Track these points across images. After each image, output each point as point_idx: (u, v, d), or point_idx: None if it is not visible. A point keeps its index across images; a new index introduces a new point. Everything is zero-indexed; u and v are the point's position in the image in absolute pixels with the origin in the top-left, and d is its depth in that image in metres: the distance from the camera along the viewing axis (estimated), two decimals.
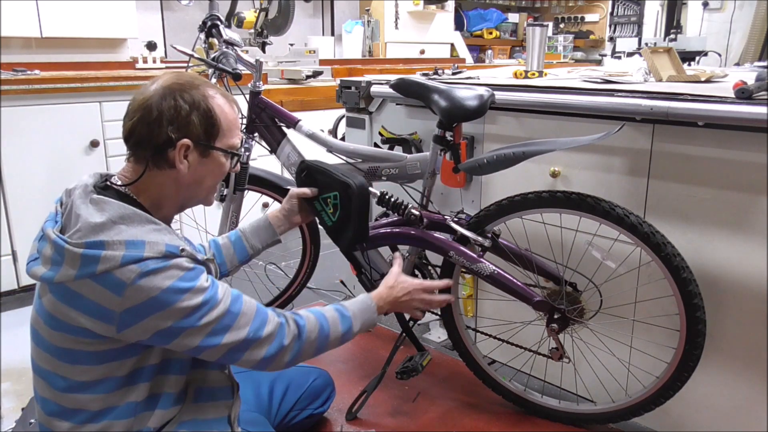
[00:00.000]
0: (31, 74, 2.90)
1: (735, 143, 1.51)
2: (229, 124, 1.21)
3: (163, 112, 1.13)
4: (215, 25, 2.03)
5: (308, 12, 4.94)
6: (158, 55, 3.68)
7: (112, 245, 1.05)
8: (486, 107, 1.71)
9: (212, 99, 1.18)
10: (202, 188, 1.24)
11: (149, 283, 1.05)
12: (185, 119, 1.15)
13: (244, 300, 1.19)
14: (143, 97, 1.15)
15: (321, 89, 3.86)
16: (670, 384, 1.60)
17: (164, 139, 1.14)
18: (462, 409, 1.90)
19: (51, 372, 1.14)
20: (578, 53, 6.48)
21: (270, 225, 1.61)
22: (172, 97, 1.14)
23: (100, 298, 1.05)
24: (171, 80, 1.17)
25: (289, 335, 1.23)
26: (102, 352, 1.11)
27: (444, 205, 2.19)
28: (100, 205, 1.10)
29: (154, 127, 1.13)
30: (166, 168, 1.17)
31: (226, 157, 1.23)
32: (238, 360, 1.18)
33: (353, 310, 1.38)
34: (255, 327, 1.17)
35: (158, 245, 1.07)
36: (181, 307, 1.08)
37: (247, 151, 2.03)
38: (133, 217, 1.09)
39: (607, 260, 1.69)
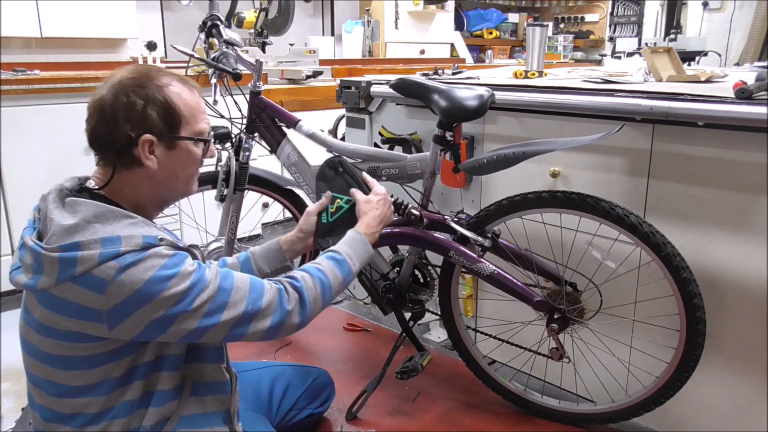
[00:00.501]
0: (31, 74, 2.90)
1: (735, 143, 1.51)
2: (191, 110, 1.17)
3: (117, 111, 1.09)
4: (215, 25, 2.03)
5: (308, 12, 4.94)
6: (158, 55, 3.67)
7: (87, 245, 1.03)
8: (486, 107, 1.71)
9: (168, 88, 1.14)
10: (179, 180, 1.20)
11: (130, 277, 1.03)
12: (142, 114, 1.10)
13: (236, 276, 1.17)
14: (97, 98, 1.12)
15: (321, 89, 3.86)
16: (670, 384, 1.60)
17: (125, 138, 1.10)
18: (462, 409, 1.90)
19: (45, 379, 1.13)
20: (578, 53, 6.48)
21: (281, 249, 1.54)
22: (124, 93, 1.10)
23: (84, 300, 1.04)
24: (123, 76, 1.13)
25: (291, 300, 1.21)
26: (96, 356, 1.10)
27: (444, 205, 2.19)
28: (74, 206, 1.08)
29: (112, 128, 1.10)
30: (135, 167, 1.13)
31: (195, 145, 1.18)
32: (244, 335, 1.16)
33: (346, 251, 1.36)
34: (252, 299, 1.16)
35: (135, 238, 1.05)
36: (168, 294, 1.06)
37: (247, 151, 2.03)
38: (107, 214, 1.07)
39: (607, 260, 1.69)
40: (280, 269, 1.53)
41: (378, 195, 1.55)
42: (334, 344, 2.34)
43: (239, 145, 2.03)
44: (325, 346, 2.32)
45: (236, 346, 2.29)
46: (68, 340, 1.08)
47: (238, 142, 2.03)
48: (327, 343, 2.35)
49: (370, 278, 1.97)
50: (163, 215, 2.97)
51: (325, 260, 1.33)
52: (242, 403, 1.52)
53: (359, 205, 1.53)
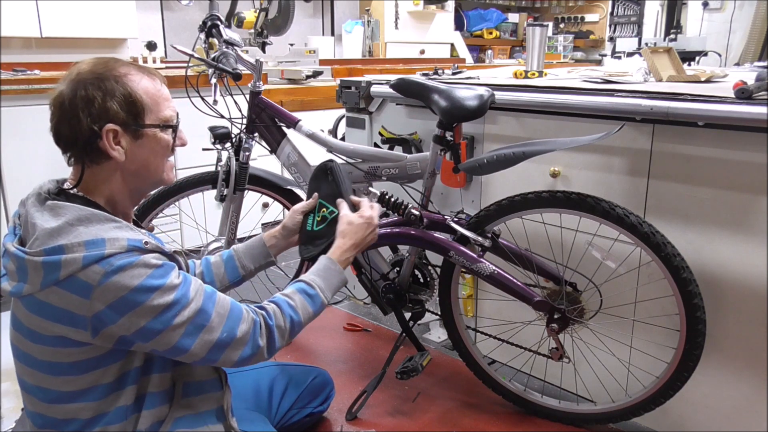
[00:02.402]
0: (31, 74, 2.90)
1: (735, 143, 1.51)
2: (153, 98, 1.15)
3: (77, 105, 1.08)
4: (215, 25, 2.03)
5: (308, 12, 4.94)
6: (158, 55, 3.68)
7: (71, 248, 1.02)
8: (486, 107, 1.71)
9: (126, 77, 1.12)
10: (150, 170, 1.18)
11: (116, 284, 1.02)
12: (102, 106, 1.09)
13: (218, 299, 1.16)
14: (57, 94, 1.11)
15: (321, 89, 3.86)
16: (670, 384, 1.60)
17: (87, 132, 1.09)
18: (462, 409, 1.90)
19: (36, 386, 1.12)
20: (578, 53, 6.48)
21: (264, 245, 1.53)
22: (82, 87, 1.09)
23: (69, 305, 1.03)
24: (80, 70, 1.12)
25: (263, 335, 1.20)
26: (83, 362, 1.09)
27: (444, 205, 2.19)
28: (55, 210, 1.07)
29: (74, 123, 1.09)
30: (103, 161, 1.12)
31: (163, 132, 1.17)
32: (217, 360, 1.15)
33: (318, 285, 1.34)
34: (229, 327, 1.14)
35: (119, 241, 1.04)
36: (152, 305, 1.05)
37: (247, 151, 2.03)
38: (91, 217, 1.06)
39: (607, 260, 1.69)
40: (264, 265, 1.53)
41: (362, 218, 1.46)
42: (334, 344, 2.34)
43: (239, 145, 2.03)
44: (325, 346, 2.32)
45: None
46: (55, 346, 1.07)
47: (238, 142, 2.03)
48: (327, 343, 2.35)
49: (370, 278, 1.97)
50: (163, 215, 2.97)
51: (297, 294, 1.30)
52: (242, 402, 1.52)
53: (341, 223, 1.46)
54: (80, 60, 1.17)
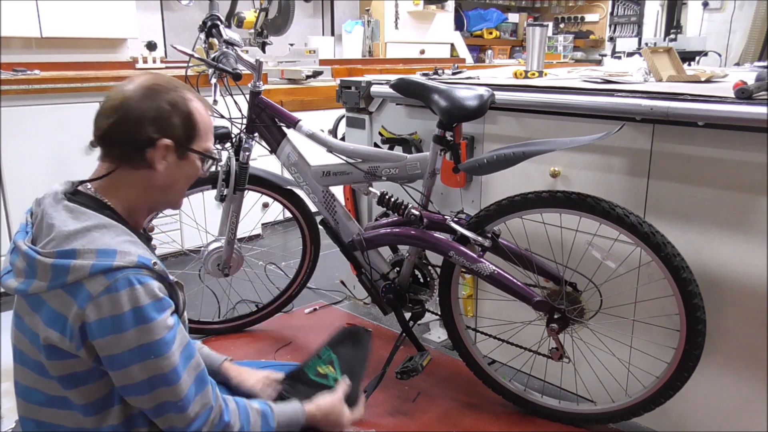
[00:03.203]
0: (31, 74, 2.90)
1: (735, 143, 1.51)
2: (206, 128, 1.21)
3: (144, 112, 1.12)
4: (215, 25, 2.03)
5: (308, 12, 4.94)
6: (158, 55, 3.68)
7: (82, 254, 1.03)
8: (486, 107, 1.71)
9: (191, 102, 1.18)
10: (173, 191, 1.23)
11: (113, 300, 1.02)
12: (167, 120, 1.14)
13: (191, 364, 1.13)
14: (122, 97, 1.13)
15: (321, 89, 3.86)
16: (670, 384, 1.61)
17: (144, 138, 1.12)
18: (462, 409, 1.90)
19: (30, 387, 1.12)
20: (578, 53, 6.48)
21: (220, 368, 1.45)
22: (153, 97, 1.13)
23: (67, 311, 1.02)
24: (151, 81, 1.16)
25: (209, 423, 1.17)
26: (69, 376, 1.08)
27: (444, 205, 2.19)
28: (75, 213, 1.08)
29: (134, 127, 1.12)
30: (141, 168, 1.15)
31: (201, 161, 1.21)
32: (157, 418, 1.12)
33: (279, 422, 1.28)
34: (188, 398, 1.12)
35: (130, 255, 1.05)
36: (137, 335, 1.04)
37: (247, 151, 2.03)
38: (108, 225, 1.08)
39: (607, 260, 1.69)
40: None
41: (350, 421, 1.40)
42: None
43: (239, 145, 2.03)
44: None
45: (236, 346, 2.29)
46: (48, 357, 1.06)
47: (238, 142, 2.03)
48: None
49: (370, 278, 1.97)
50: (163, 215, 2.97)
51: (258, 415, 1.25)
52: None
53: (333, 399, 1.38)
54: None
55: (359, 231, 1.97)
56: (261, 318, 2.43)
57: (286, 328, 2.45)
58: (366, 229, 1.96)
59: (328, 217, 2.00)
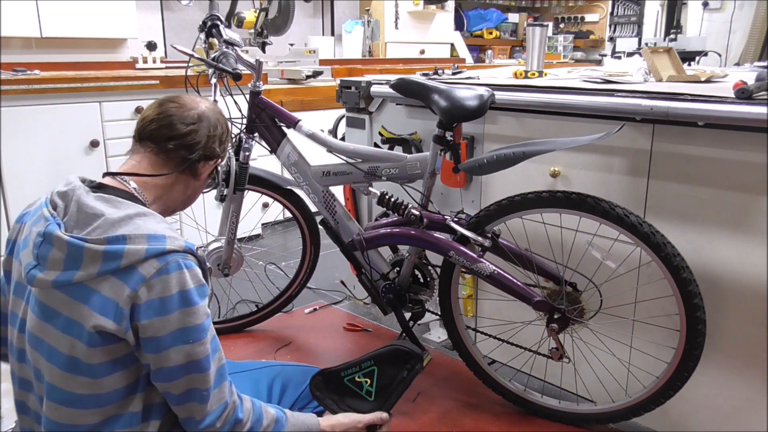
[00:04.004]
0: (31, 74, 2.90)
1: (735, 143, 1.51)
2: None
3: (218, 128, 1.27)
4: (215, 25, 2.03)
5: (308, 12, 4.94)
6: (158, 55, 3.68)
7: (134, 239, 1.05)
8: (486, 107, 1.71)
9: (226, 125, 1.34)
10: (191, 199, 1.33)
11: (164, 282, 1.05)
12: (224, 142, 1.31)
13: (217, 356, 1.16)
14: (201, 110, 1.26)
15: (321, 89, 3.86)
16: (670, 384, 1.61)
17: (210, 152, 1.26)
18: (462, 409, 1.90)
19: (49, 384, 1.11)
20: (578, 53, 6.48)
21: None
22: (220, 120, 1.29)
23: (118, 296, 1.04)
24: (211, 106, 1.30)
25: (222, 418, 1.18)
26: (104, 365, 1.08)
27: (444, 205, 2.19)
28: (112, 202, 1.11)
29: (211, 140, 1.25)
30: (187, 175, 1.25)
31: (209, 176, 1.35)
32: (180, 406, 1.14)
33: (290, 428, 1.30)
34: (210, 391, 1.14)
35: (178, 240, 1.09)
36: (181, 318, 1.07)
37: (247, 151, 2.03)
38: (148, 214, 1.12)
39: (607, 260, 1.69)
40: None
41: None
42: (334, 344, 2.34)
43: (239, 145, 2.03)
44: (325, 346, 2.32)
45: (236, 346, 2.29)
46: (90, 344, 1.06)
47: (238, 142, 2.03)
48: (327, 343, 2.35)
49: (370, 278, 1.97)
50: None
51: (272, 420, 1.26)
52: None
53: (356, 422, 1.39)
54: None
55: (359, 231, 1.97)
56: (261, 318, 2.43)
57: (286, 328, 2.45)
58: (366, 229, 1.96)
59: (328, 217, 2.00)
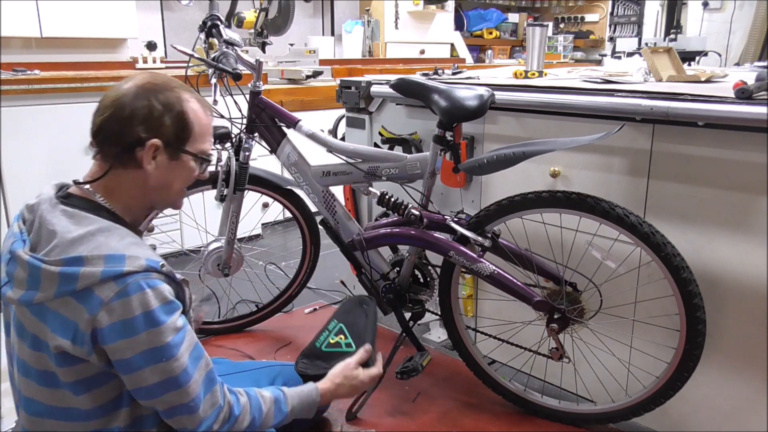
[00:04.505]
0: (31, 74, 2.90)
1: (735, 143, 1.51)
2: (202, 129, 1.19)
3: (135, 111, 1.11)
4: (215, 25, 2.03)
5: (308, 12, 4.94)
6: (158, 55, 3.68)
7: (90, 260, 1.02)
8: (486, 107, 1.71)
9: (187, 102, 1.16)
10: (170, 192, 1.21)
11: (125, 305, 1.02)
12: (157, 120, 1.13)
13: (200, 364, 1.14)
14: (116, 95, 1.13)
15: (321, 89, 3.86)
16: (670, 384, 1.60)
17: (134, 137, 1.12)
18: (462, 409, 1.90)
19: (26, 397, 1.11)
20: (578, 53, 6.49)
21: None
22: (145, 96, 1.12)
23: (77, 317, 1.02)
24: (146, 80, 1.15)
25: (219, 420, 1.18)
26: (81, 381, 1.07)
27: (444, 205, 2.19)
28: (75, 218, 1.07)
29: (125, 125, 1.11)
30: (132, 167, 1.14)
31: (196, 162, 1.20)
32: (170, 419, 1.14)
33: (293, 405, 1.32)
34: (198, 398, 1.13)
35: (138, 259, 1.04)
36: (148, 339, 1.04)
37: (247, 151, 2.03)
38: (111, 229, 1.07)
39: (607, 260, 1.69)
40: None
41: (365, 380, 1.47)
42: None
43: (239, 145, 2.03)
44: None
45: (236, 346, 2.29)
46: (57, 364, 1.06)
47: (238, 142, 2.03)
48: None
49: (370, 278, 1.97)
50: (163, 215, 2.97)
51: (271, 402, 1.28)
52: None
53: (346, 368, 1.45)
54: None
55: (359, 231, 1.97)
56: (261, 318, 2.43)
57: (286, 328, 2.45)
58: (366, 229, 1.96)
59: (328, 217, 2.00)
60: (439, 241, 1.75)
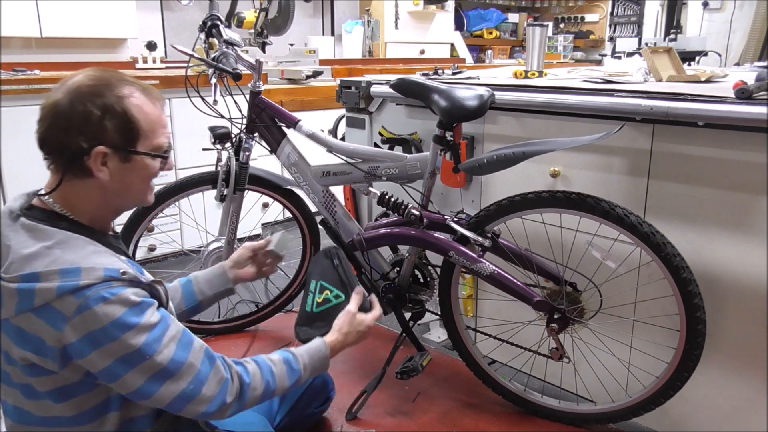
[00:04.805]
0: (31, 74, 2.90)
1: (735, 143, 1.51)
2: (151, 124, 1.11)
3: (72, 120, 1.04)
4: (215, 25, 2.03)
5: (308, 12, 4.94)
6: (158, 55, 3.68)
7: (46, 276, 0.99)
8: (486, 107, 1.71)
9: (128, 100, 1.08)
10: (132, 194, 1.15)
11: (91, 317, 0.99)
12: (97, 126, 1.05)
13: (193, 348, 1.12)
14: (51, 102, 1.06)
15: (321, 89, 3.86)
16: (670, 384, 1.60)
17: (76, 148, 1.05)
18: (462, 409, 1.90)
19: (13, 407, 1.10)
20: (578, 53, 6.49)
21: (224, 272, 1.58)
22: (80, 101, 1.04)
23: (41, 333, 1.00)
24: (80, 82, 1.07)
25: (232, 392, 1.16)
26: (58, 390, 1.06)
27: (444, 205, 2.19)
28: (33, 231, 1.04)
29: (64, 136, 1.05)
30: (86, 177, 1.08)
31: (152, 159, 1.13)
32: (178, 411, 1.12)
33: (304, 363, 1.32)
34: (196, 381, 1.11)
35: (95, 270, 1.01)
36: (123, 344, 1.02)
37: (247, 151, 2.03)
38: (69, 241, 1.03)
39: (607, 260, 1.69)
40: (222, 292, 1.57)
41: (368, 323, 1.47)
42: None
43: (239, 145, 2.03)
44: None
45: (236, 346, 2.29)
46: (28, 374, 1.05)
47: (238, 142, 2.04)
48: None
49: (370, 278, 1.97)
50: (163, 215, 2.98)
51: (281, 363, 1.28)
52: None
53: (347, 316, 1.45)
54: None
55: (359, 231, 1.97)
56: (261, 318, 2.43)
57: (286, 328, 2.45)
58: (366, 229, 1.96)
59: (328, 217, 2.00)
60: (439, 241, 1.75)
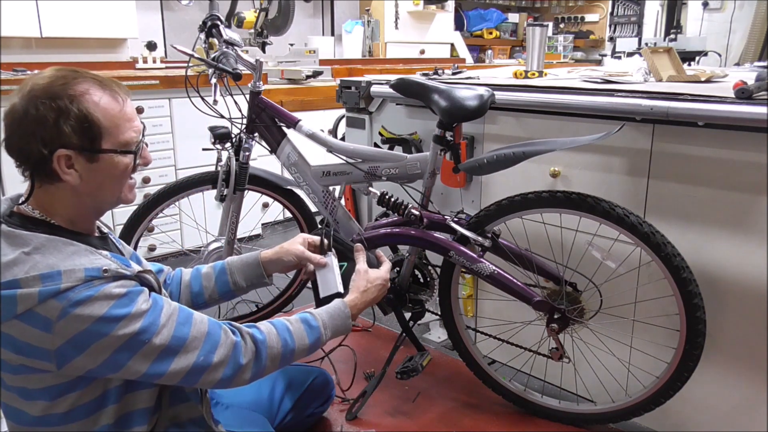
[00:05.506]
0: (31, 74, 2.90)
1: (735, 143, 1.51)
2: (113, 120, 1.06)
3: (27, 126, 1.01)
4: (215, 25, 2.03)
5: (308, 12, 4.94)
6: (158, 55, 3.68)
7: (26, 282, 0.97)
8: (486, 107, 1.71)
9: (84, 97, 1.03)
10: (107, 192, 1.11)
11: (76, 318, 0.98)
12: (54, 129, 1.01)
13: (194, 321, 1.12)
14: (10, 107, 1.03)
15: (321, 89, 3.86)
16: (670, 384, 1.60)
17: (37, 154, 1.02)
18: (462, 409, 1.90)
19: (10, 407, 1.10)
20: (578, 53, 6.49)
21: (259, 264, 1.50)
22: (34, 106, 1.00)
23: (30, 338, 0.99)
24: (34, 84, 1.03)
25: (247, 354, 1.16)
26: (54, 387, 1.05)
27: (444, 205, 2.19)
28: (11, 238, 1.02)
29: (23, 143, 1.02)
30: (56, 182, 1.05)
31: (122, 155, 1.08)
32: (196, 383, 1.12)
33: (323, 319, 1.31)
34: (205, 351, 1.10)
35: (76, 272, 0.99)
36: (117, 335, 1.01)
37: (247, 151, 2.03)
38: (47, 244, 1.01)
39: (607, 260, 1.69)
40: (256, 284, 1.51)
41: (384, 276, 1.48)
42: (334, 344, 2.34)
43: (239, 145, 2.03)
44: (325, 346, 2.31)
45: None
46: (22, 374, 1.04)
47: (238, 142, 2.03)
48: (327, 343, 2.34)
49: None
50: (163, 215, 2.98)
51: (298, 322, 1.27)
52: (242, 403, 1.52)
53: (359, 277, 1.46)
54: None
55: (359, 231, 1.97)
56: (261, 318, 2.43)
57: None
58: (366, 229, 1.96)
59: (328, 217, 2.00)
60: (439, 241, 1.75)
